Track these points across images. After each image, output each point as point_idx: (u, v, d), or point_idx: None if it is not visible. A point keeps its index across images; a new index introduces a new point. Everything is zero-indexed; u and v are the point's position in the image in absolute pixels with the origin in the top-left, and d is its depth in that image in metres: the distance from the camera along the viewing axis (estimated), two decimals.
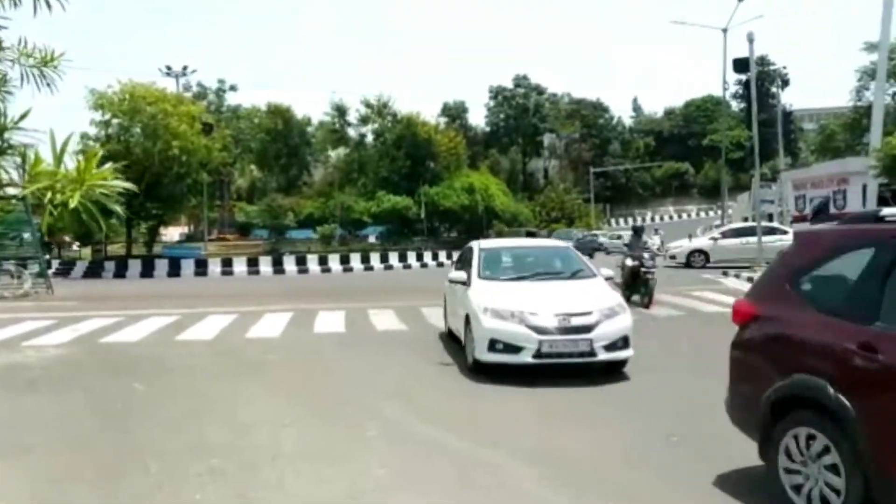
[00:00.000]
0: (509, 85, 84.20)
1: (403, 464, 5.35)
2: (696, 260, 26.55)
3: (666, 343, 10.88)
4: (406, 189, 54.60)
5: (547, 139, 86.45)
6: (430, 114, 64.19)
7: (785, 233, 24.99)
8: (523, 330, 7.90)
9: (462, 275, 9.52)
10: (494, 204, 58.76)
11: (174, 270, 31.84)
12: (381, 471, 5.19)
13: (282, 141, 60.17)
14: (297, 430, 6.31)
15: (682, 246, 28.56)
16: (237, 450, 5.70)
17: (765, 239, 23.46)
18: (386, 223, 53.27)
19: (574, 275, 9.34)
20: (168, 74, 46.62)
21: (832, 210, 18.09)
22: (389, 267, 36.85)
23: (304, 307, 15.54)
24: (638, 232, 16.19)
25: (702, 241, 28.51)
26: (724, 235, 27.04)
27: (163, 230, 46.38)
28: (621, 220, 79.43)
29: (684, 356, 9.99)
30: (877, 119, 15.44)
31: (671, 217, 77.51)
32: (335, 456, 5.55)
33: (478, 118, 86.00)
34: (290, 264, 34.92)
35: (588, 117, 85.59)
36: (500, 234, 45.57)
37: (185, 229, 59.25)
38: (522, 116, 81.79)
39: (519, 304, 8.16)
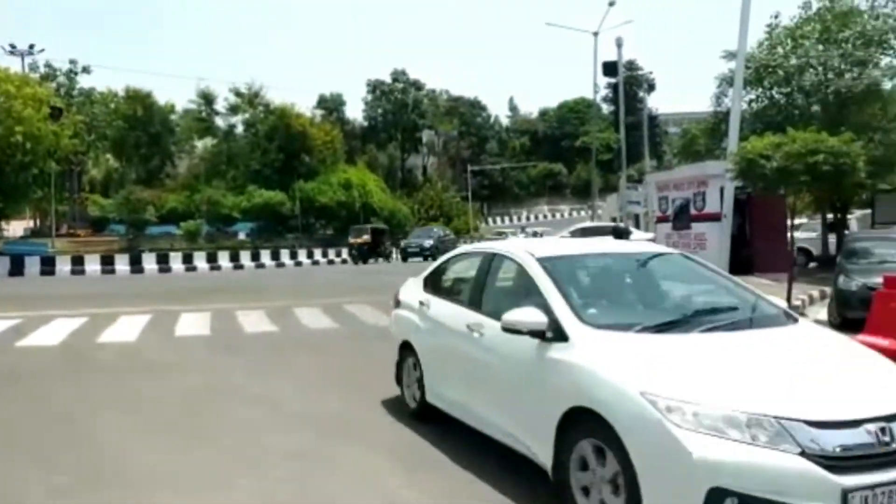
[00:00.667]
0: (388, 79, 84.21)
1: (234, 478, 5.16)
2: None
3: None
4: (279, 184, 53.31)
5: (426, 136, 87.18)
6: (305, 105, 63.21)
7: (630, 232, 26.44)
8: (798, 464, 3.30)
9: (528, 316, 4.51)
10: (372, 200, 58.56)
11: (17, 269, 29.38)
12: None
13: (141, 129, 56.94)
14: (153, 447, 5.95)
15: None
16: (82, 467, 5.30)
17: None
18: (257, 219, 51.82)
19: (759, 317, 4.87)
20: (12, 53, 43.28)
21: (692, 211, 19.26)
22: (261, 266, 35.88)
23: (165, 308, 14.78)
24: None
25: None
26: (573, 235, 27.91)
27: (4, 224, 42.82)
28: (498, 219, 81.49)
29: None
30: (734, 125, 16.59)
31: (545, 216, 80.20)
32: (198, 478, 5.27)
33: (355, 112, 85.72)
34: (150, 263, 33.17)
35: (466, 115, 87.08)
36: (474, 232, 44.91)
37: (30, 224, 54.96)
38: (401, 112, 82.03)
39: (750, 395, 3.55)
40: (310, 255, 40.66)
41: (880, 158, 19.16)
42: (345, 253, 41.12)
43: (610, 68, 25.98)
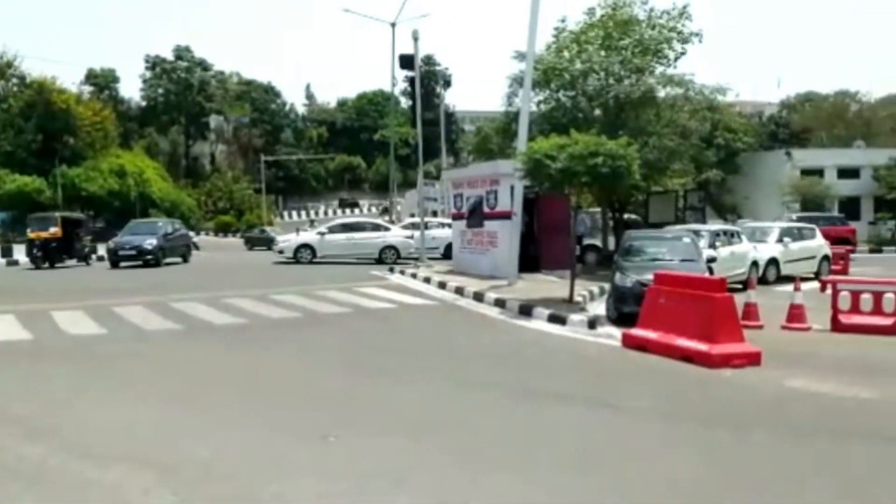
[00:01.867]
0: (170, 56, 79.20)
1: None
2: (304, 255, 27.16)
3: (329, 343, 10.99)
4: (37, 168, 48.23)
5: (213, 121, 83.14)
6: (69, 80, 57.61)
7: (388, 229, 28.38)
8: None
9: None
10: (151, 190, 54.92)
11: None
12: None
13: None
14: None
15: (289, 240, 29.01)
16: None
17: (368, 235, 26.91)
18: (10, 208, 46.47)
19: None
20: None
21: (485, 209, 19.96)
22: (14, 262, 32.08)
23: None
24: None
25: (309, 236, 29.01)
26: (332, 230, 28.01)
27: None
28: (294, 213, 79.78)
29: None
30: (523, 125, 17.36)
31: (343, 212, 79.87)
32: None
33: (132, 90, 79.66)
34: None
35: (259, 101, 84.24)
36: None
37: None
38: (185, 93, 77.52)
39: None
40: None
41: (654, 162, 21.11)
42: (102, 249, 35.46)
43: (406, 61, 26.25)
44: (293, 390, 8.12)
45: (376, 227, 28.85)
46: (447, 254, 24.93)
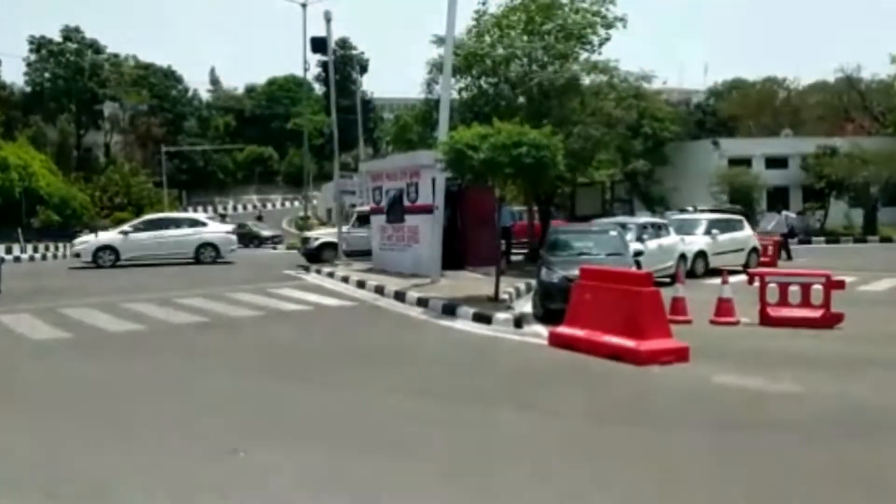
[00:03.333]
0: (57, 37, 75.95)
1: None
2: (105, 258, 25.61)
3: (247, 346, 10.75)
4: None
5: (108, 109, 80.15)
6: None
7: (205, 225, 27.74)
8: None
9: None
10: (38, 185, 52.45)
11: None
12: None
13: None
14: None
15: (88, 242, 27.08)
16: None
17: (182, 232, 26.42)
18: None
19: None
20: None
21: (405, 203, 19.91)
22: None
23: None
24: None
25: (110, 236, 27.29)
26: (136, 229, 26.93)
27: None
28: (200, 208, 77.83)
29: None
30: (443, 114, 17.41)
31: (255, 206, 78.45)
32: None
33: (14, 75, 76.00)
34: None
35: (158, 87, 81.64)
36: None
37: None
38: (76, 78, 74.45)
39: None
40: None
41: (579, 152, 21.50)
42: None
43: (319, 44, 25.92)
44: (197, 401, 7.92)
45: (193, 223, 27.78)
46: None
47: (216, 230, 27.33)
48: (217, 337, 12.08)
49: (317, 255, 24.85)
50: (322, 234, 26.91)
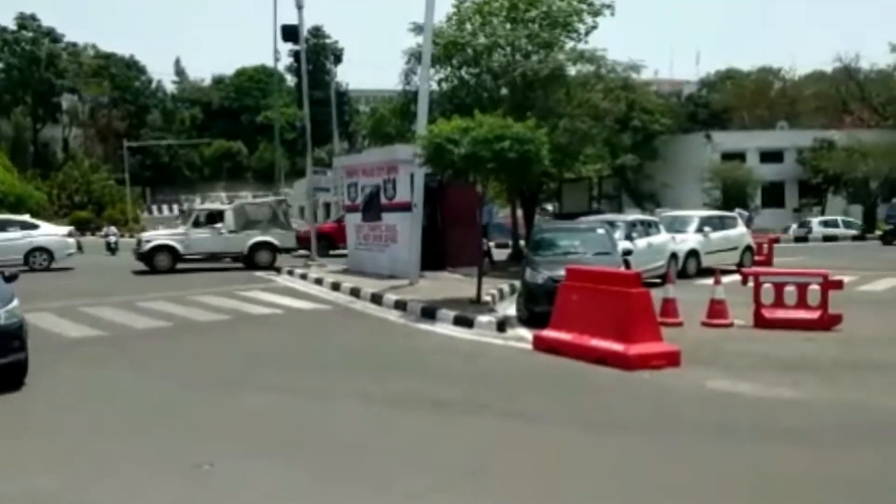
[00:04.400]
0: (11, 25, 75.22)
1: None
2: None
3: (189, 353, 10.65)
4: None
5: (66, 101, 79.59)
6: None
7: (37, 227, 25.39)
8: None
9: None
10: None
11: None
12: None
13: None
14: None
15: None
16: None
17: (10, 235, 24.25)
18: None
19: None
20: None
21: (382, 200, 19.84)
22: None
23: None
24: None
25: None
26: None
27: None
28: (165, 207, 77.30)
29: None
30: (422, 105, 17.32)
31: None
32: None
33: None
34: None
35: (120, 78, 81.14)
36: None
37: None
38: (31, 68, 73.89)
39: None
40: None
41: (565, 146, 21.50)
42: None
43: (290, 33, 25.74)
44: (161, 411, 7.83)
45: (25, 226, 25.64)
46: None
47: (50, 233, 25.73)
48: (186, 342, 11.93)
49: (149, 259, 23.41)
50: (157, 236, 24.76)
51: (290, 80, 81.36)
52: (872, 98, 52.39)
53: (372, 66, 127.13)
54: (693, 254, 20.05)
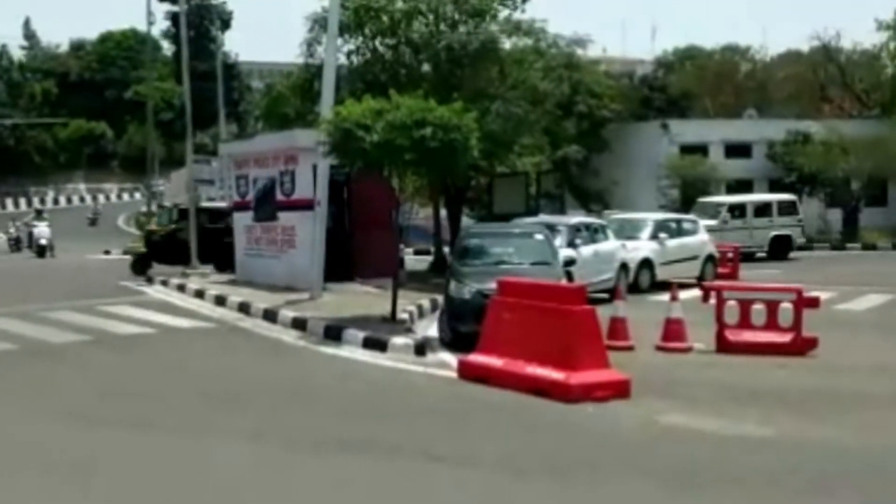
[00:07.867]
0: None
1: None
2: None
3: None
4: None
5: None
6: None
7: None
8: None
9: None
10: None
11: None
12: None
13: None
14: None
15: None
16: None
17: None
18: None
19: None
20: None
21: (278, 196, 19.63)
22: None
23: None
24: None
25: None
26: None
27: None
28: (9, 201, 75.10)
29: None
30: (328, 83, 17.08)
31: (83, 199, 76.13)
32: None
33: None
34: None
35: None
36: None
37: None
38: None
39: None
40: None
41: (498, 134, 21.61)
42: None
43: None
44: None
45: None
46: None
47: None
48: (34, 370, 11.71)
49: None
50: None
51: (167, 48, 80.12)
52: (855, 83, 53.04)
53: (267, 33, 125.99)
54: (646, 264, 20.33)
